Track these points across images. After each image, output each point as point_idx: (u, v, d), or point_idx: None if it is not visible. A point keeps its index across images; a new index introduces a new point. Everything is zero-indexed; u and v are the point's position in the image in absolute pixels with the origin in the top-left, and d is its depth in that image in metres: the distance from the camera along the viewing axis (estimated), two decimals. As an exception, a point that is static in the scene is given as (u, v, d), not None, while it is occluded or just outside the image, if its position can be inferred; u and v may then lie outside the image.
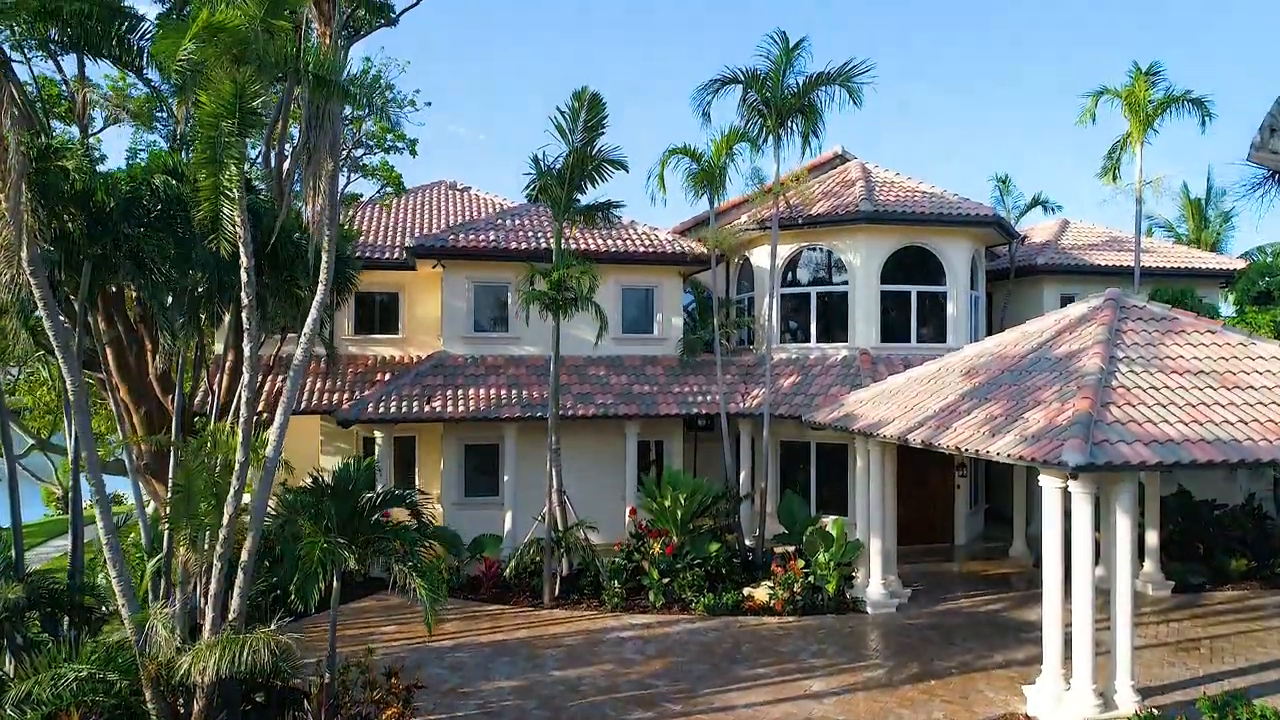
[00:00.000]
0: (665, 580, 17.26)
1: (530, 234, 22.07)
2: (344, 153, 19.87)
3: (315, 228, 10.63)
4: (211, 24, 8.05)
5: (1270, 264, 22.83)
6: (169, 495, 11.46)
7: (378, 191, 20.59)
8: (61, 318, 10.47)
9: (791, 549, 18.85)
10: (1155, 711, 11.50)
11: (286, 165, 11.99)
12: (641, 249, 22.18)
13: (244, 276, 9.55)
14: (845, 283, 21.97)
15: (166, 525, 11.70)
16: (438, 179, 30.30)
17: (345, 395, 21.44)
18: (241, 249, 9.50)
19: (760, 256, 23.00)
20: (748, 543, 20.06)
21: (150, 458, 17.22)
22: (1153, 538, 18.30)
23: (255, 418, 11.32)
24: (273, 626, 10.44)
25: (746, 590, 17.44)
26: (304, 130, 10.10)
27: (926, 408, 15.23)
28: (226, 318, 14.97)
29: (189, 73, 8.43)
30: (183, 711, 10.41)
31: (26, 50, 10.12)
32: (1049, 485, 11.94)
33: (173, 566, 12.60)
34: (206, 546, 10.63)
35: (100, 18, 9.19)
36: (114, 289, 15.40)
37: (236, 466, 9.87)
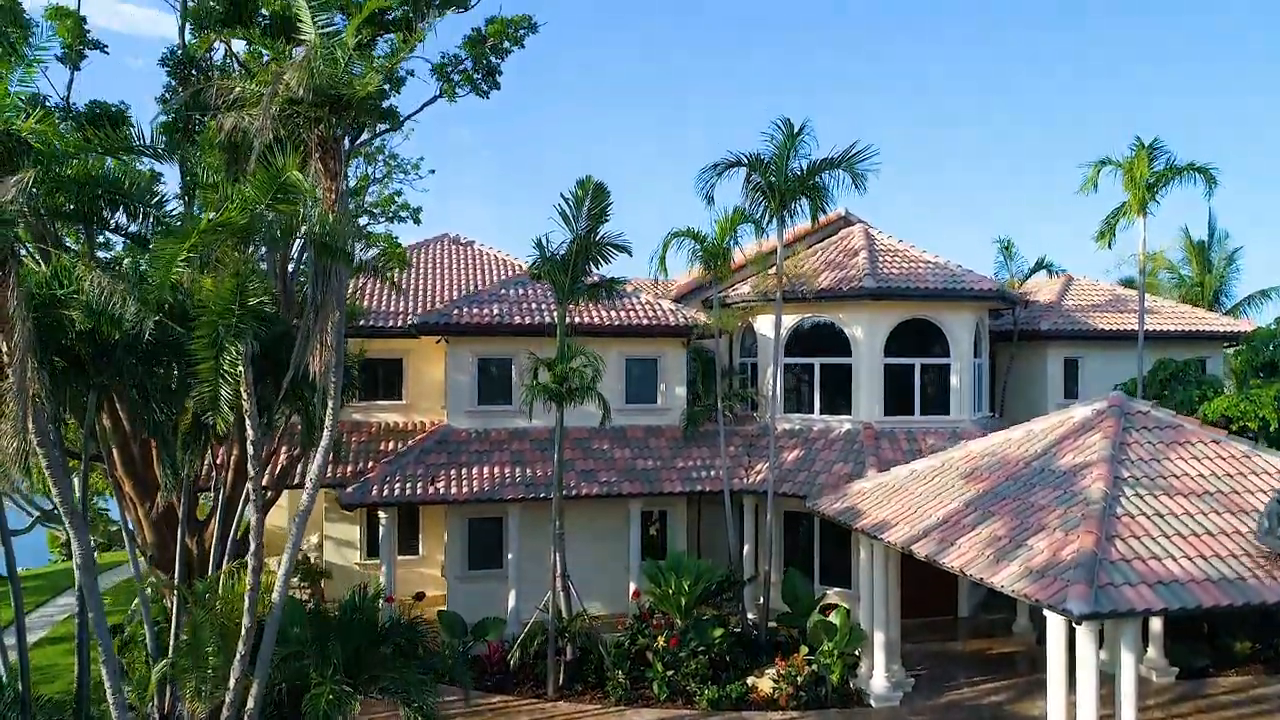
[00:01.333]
0: (669, 673, 17.29)
1: (534, 307, 22.09)
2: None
3: (321, 376, 10.65)
4: (213, 225, 8.08)
5: (1275, 330, 22.74)
6: (174, 646, 11.48)
7: (383, 266, 20.61)
8: (62, 452, 10.51)
9: (795, 630, 18.89)
10: None
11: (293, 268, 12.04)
12: (645, 321, 22.19)
13: (249, 450, 9.57)
14: (849, 355, 21.99)
15: (171, 668, 11.72)
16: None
17: (349, 468, 21.48)
18: (247, 421, 9.53)
19: (764, 324, 23.02)
20: (750, 617, 20.11)
21: (154, 544, 17.27)
22: (1156, 623, 18.28)
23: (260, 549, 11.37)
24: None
25: (751, 680, 17.46)
26: (311, 286, 10.13)
27: (929, 513, 15.24)
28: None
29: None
30: None
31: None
32: (1054, 619, 11.95)
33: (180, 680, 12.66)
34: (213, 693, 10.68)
35: (107, 195, 9.18)
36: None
37: (243, 631, 9.89)
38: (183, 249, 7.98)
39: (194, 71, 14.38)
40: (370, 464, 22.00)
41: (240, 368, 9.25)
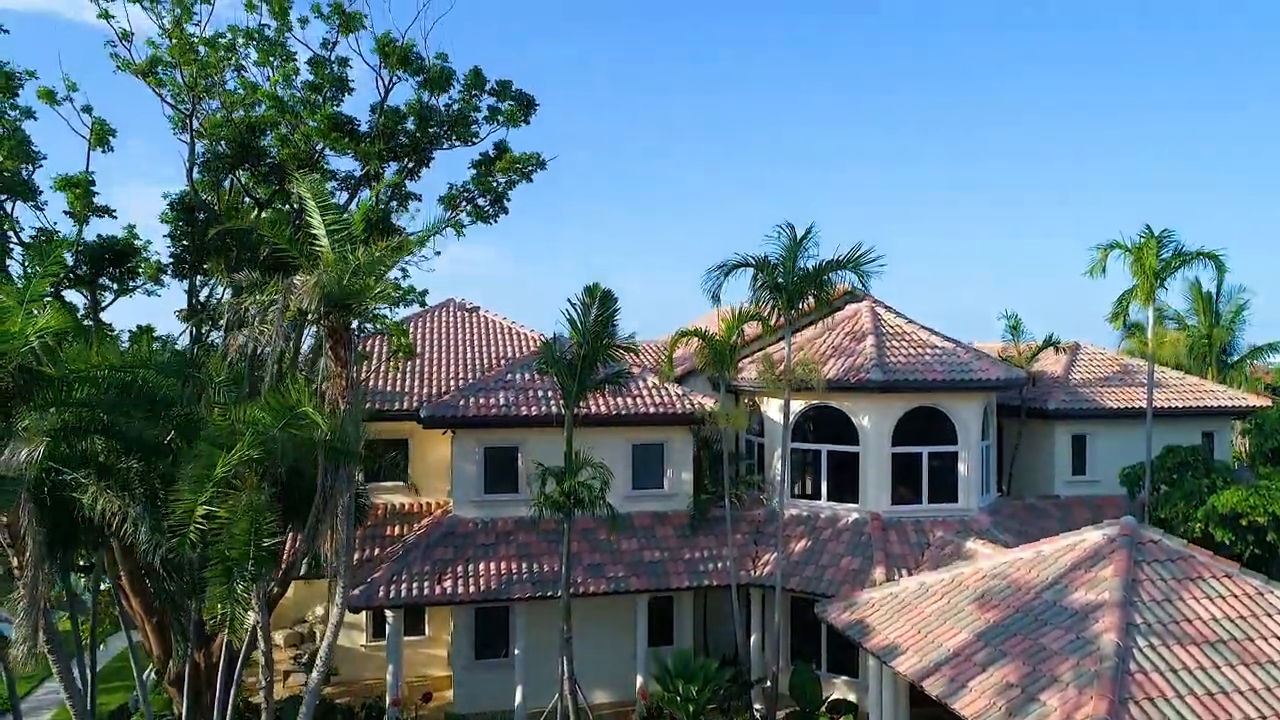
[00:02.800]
0: (678, 787, 17.27)
1: (541, 394, 22.03)
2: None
3: (332, 556, 10.61)
4: (229, 465, 8.05)
5: (1286, 413, 22.64)
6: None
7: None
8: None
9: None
10: None
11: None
12: (651, 409, 22.13)
13: (262, 659, 9.52)
14: (856, 443, 21.92)
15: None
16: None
17: (355, 555, 21.43)
18: (259, 635, 9.48)
19: (771, 407, 22.95)
20: (758, 708, 20.09)
21: (159, 657, 17.24)
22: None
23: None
24: None
25: (759, 791, 17.43)
26: (320, 477, 10.09)
27: (939, 639, 15.19)
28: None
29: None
30: None
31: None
32: (1066, 784, 11.89)
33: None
34: None
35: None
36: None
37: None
38: (198, 501, 7.96)
39: (200, 212, 14.38)
40: (376, 550, 22.00)
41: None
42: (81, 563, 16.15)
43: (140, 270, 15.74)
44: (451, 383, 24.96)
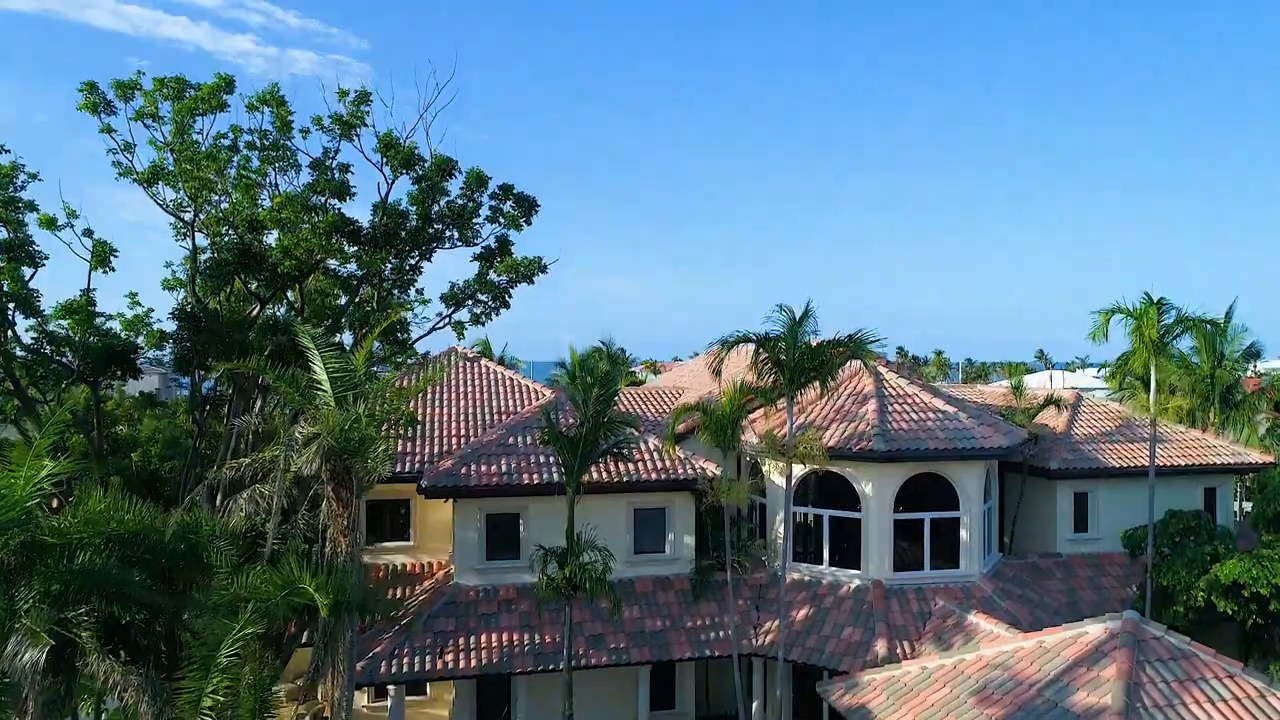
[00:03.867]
0: None
1: (542, 460, 22.03)
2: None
3: (334, 689, 10.61)
4: (232, 643, 8.05)
5: (1289, 477, 22.56)
6: None
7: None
8: None
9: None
10: None
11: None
12: (653, 475, 22.13)
13: None
14: (858, 509, 21.91)
15: None
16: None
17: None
18: None
19: (774, 470, 22.92)
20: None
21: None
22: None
23: None
24: None
25: None
26: (320, 627, 10.08)
27: (942, 735, 15.18)
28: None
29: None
30: None
31: None
32: None
33: None
34: None
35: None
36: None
37: None
38: (204, 690, 7.96)
39: (202, 320, 14.41)
40: (378, 618, 21.98)
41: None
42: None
43: (141, 365, 15.75)
44: (453, 440, 24.94)
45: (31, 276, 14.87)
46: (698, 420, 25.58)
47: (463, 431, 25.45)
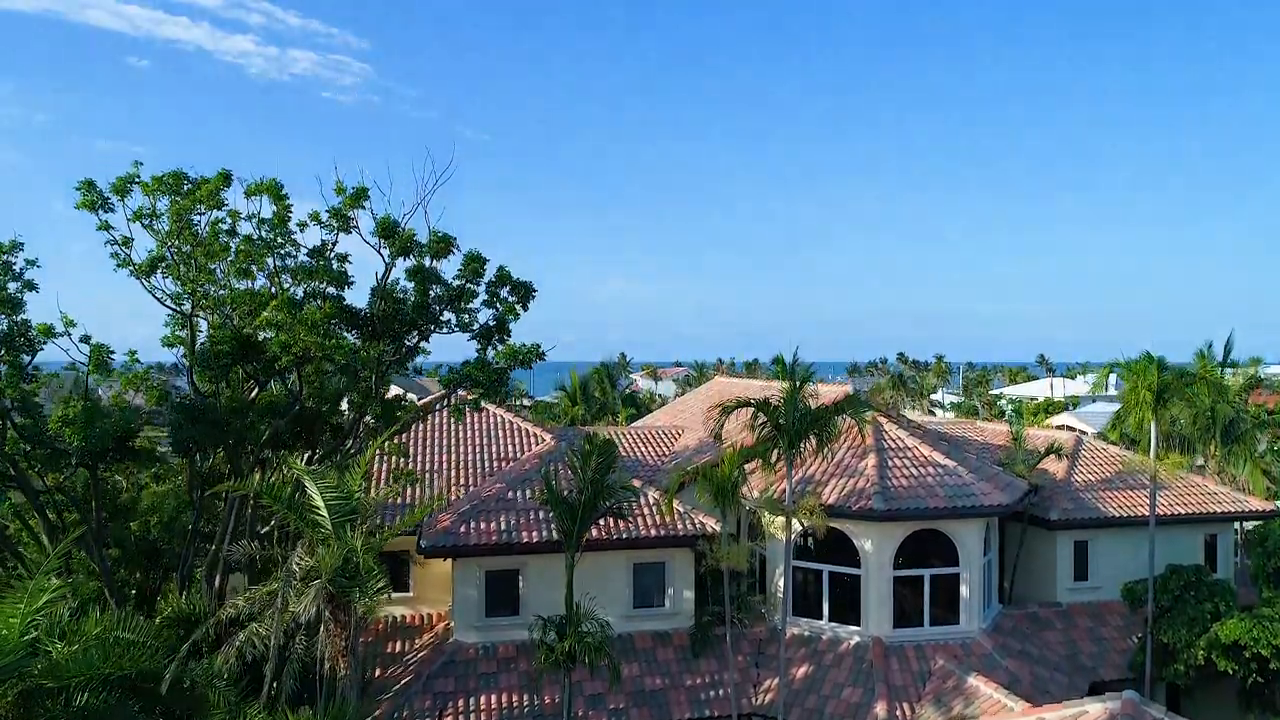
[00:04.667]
0: None
1: (541, 517, 21.98)
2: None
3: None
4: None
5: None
6: None
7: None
8: None
9: None
10: None
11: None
12: (653, 532, 22.08)
13: None
14: (858, 565, 21.87)
15: None
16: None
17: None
18: None
19: (773, 523, 22.88)
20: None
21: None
22: None
23: None
24: None
25: None
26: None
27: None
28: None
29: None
30: None
31: None
32: None
33: None
34: None
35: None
36: None
37: None
38: None
39: (201, 415, 14.38)
40: (377, 672, 21.95)
41: None
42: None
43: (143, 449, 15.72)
44: (453, 490, 24.93)
45: (30, 362, 14.84)
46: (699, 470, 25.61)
47: (462, 480, 25.44)
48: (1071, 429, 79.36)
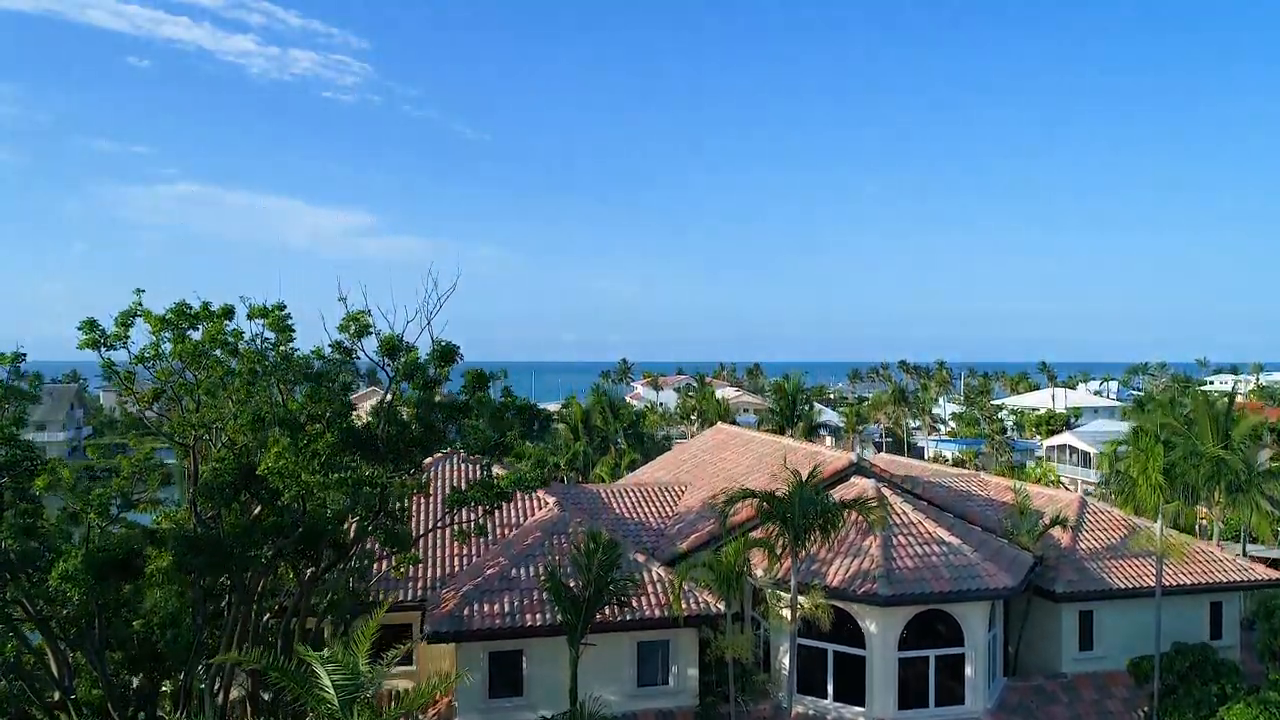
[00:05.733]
0: None
1: (545, 596, 21.81)
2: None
3: None
4: None
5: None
6: None
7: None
8: None
9: None
10: None
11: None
12: (657, 613, 21.95)
13: None
14: (862, 645, 21.78)
15: None
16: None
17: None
18: None
19: (777, 600, 22.78)
20: None
21: None
22: None
23: None
24: None
25: None
26: None
27: None
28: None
29: None
30: None
31: None
32: None
33: None
34: None
35: None
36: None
37: None
38: None
39: (203, 542, 14.28)
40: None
41: None
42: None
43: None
44: (453, 561, 24.83)
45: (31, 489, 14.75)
46: (706, 536, 25.58)
47: (465, 550, 25.32)
48: (1074, 449, 79.22)
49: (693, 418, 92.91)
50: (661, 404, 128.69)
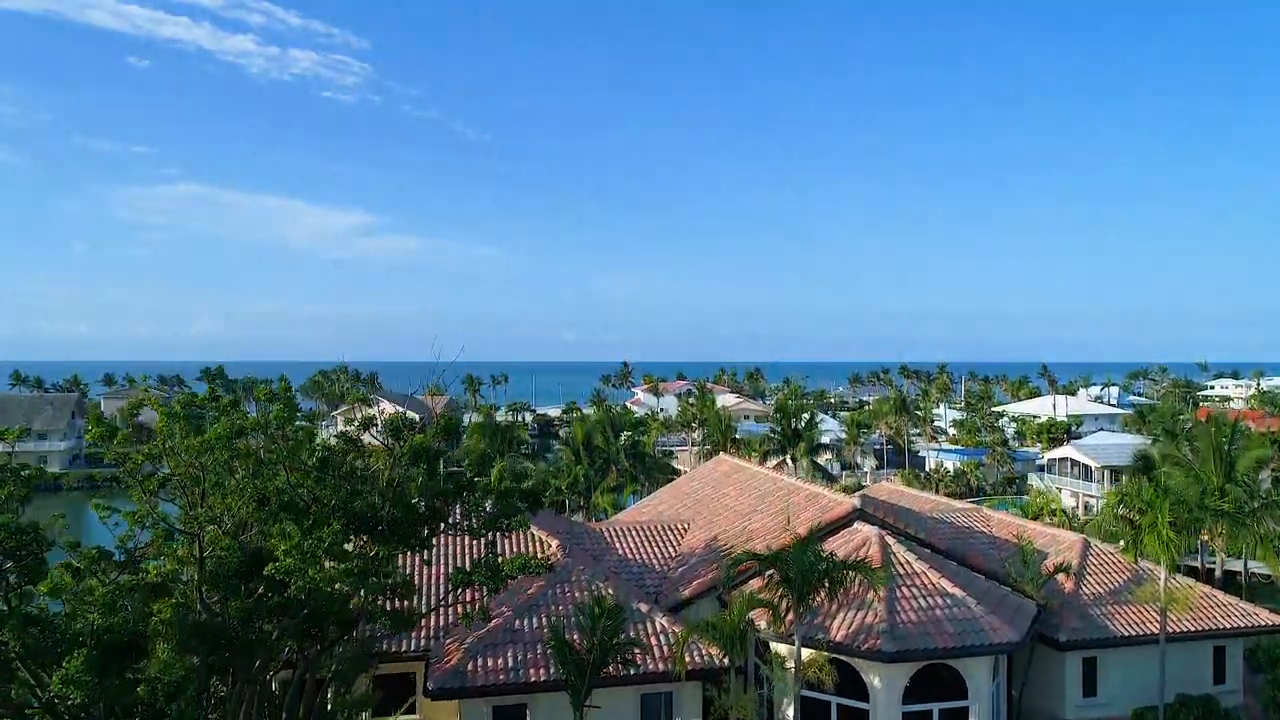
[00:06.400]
0: None
1: (547, 652, 21.81)
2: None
3: None
4: None
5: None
6: None
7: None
8: None
9: None
10: None
11: None
12: (660, 667, 21.92)
13: None
14: (866, 699, 21.74)
15: None
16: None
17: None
18: None
19: (781, 649, 22.73)
20: None
21: None
22: None
23: None
24: None
25: None
26: None
27: None
28: None
29: None
30: None
31: None
32: None
33: None
34: None
35: None
36: None
37: None
38: None
39: (209, 632, 14.24)
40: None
41: None
42: None
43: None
44: (456, 605, 24.76)
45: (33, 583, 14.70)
46: (710, 583, 25.52)
47: (467, 595, 25.24)
48: (1075, 461, 79.06)
49: (694, 425, 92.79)
50: (663, 410, 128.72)
